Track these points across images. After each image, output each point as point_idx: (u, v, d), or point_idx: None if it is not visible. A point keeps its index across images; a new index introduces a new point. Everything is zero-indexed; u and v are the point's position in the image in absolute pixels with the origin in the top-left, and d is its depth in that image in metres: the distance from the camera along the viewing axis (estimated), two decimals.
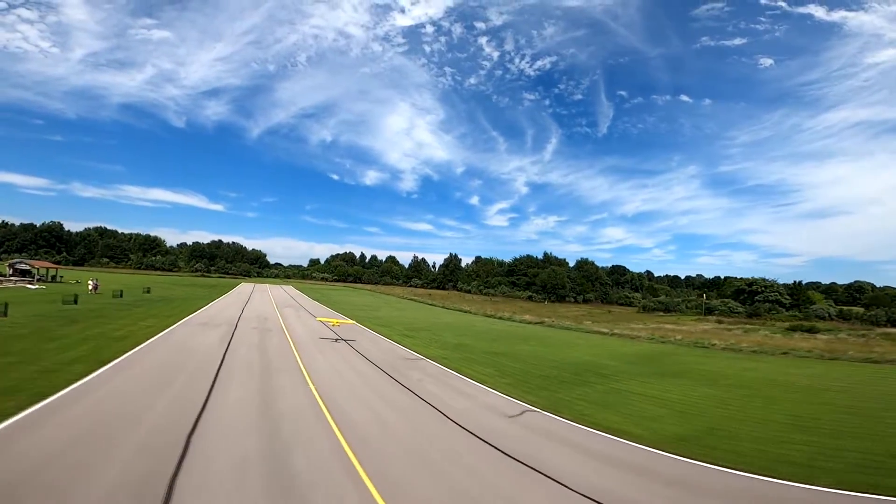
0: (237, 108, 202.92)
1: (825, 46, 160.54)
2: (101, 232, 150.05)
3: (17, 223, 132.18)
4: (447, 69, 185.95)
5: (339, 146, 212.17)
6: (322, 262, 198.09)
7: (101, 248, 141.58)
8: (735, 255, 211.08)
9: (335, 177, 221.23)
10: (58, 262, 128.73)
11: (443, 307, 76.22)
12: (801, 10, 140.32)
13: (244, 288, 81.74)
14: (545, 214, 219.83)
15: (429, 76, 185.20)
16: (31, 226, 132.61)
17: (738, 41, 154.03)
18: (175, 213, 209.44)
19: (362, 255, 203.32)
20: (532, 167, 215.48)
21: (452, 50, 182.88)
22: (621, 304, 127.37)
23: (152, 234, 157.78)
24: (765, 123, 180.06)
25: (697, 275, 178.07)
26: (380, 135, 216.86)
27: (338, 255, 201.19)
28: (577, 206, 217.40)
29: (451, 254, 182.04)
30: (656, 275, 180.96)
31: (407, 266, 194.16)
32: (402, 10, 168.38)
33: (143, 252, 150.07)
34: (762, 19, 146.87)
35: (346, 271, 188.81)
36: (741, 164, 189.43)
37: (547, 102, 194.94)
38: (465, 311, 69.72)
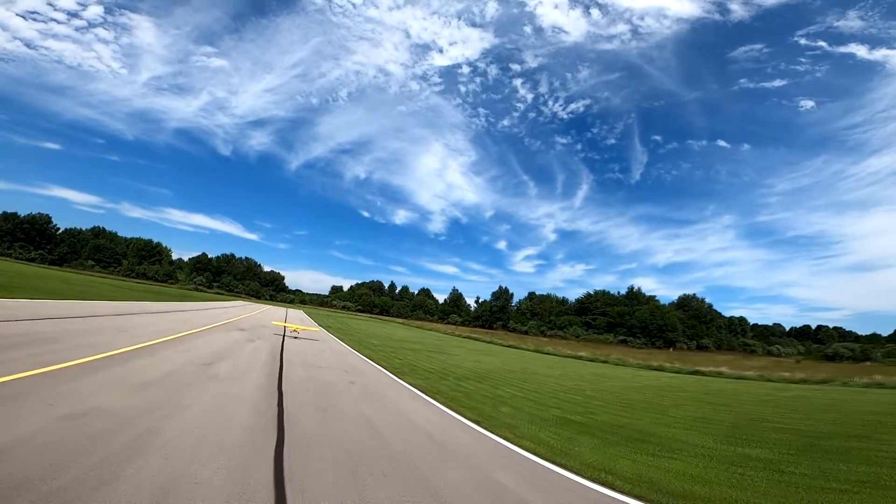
0: (279, 139, 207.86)
1: (868, 87, 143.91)
2: (97, 232, 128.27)
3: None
4: (481, 110, 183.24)
5: (372, 183, 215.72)
6: (346, 289, 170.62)
7: (88, 248, 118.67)
8: (772, 308, 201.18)
9: (366, 214, 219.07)
10: (31, 259, 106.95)
11: (532, 351, 45.11)
12: (843, 49, 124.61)
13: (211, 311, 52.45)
14: (573, 262, 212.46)
15: (463, 116, 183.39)
16: (14, 216, 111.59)
17: (777, 83, 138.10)
18: (213, 239, 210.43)
19: (392, 285, 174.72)
20: (561, 213, 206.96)
21: (487, 91, 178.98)
22: (748, 352, 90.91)
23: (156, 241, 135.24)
24: (805, 170, 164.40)
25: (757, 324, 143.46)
26: (412, 174, 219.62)
27: (363, 283, 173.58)
28: (606, 255, 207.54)
29: (500, 287, 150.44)
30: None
31: (442, 301, 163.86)
32: (441, 51, 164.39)
33: (139, 259, 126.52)
34: (802, 60, 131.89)
35: (371, 301, 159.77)
36: (779, 213, 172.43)
37: (579, 147, 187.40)
38: (575, 357, 37.71)
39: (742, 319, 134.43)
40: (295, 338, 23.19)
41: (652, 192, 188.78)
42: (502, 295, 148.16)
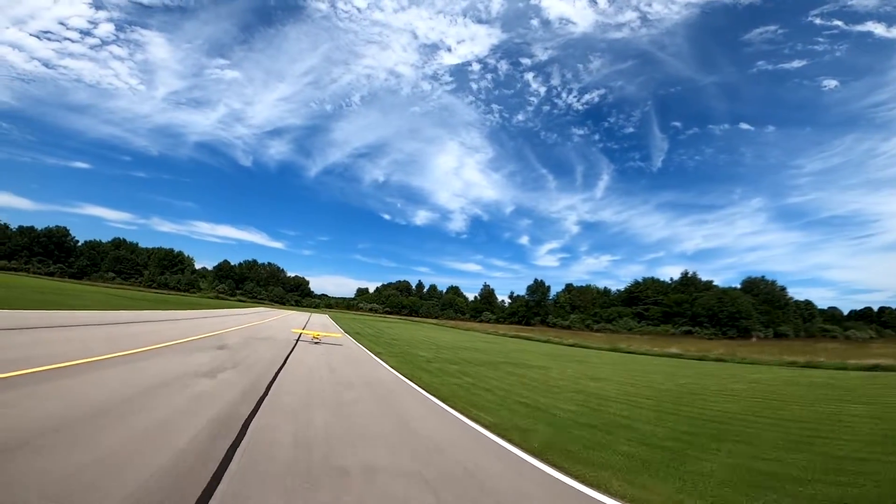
0: (297, 147, 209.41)
1: (890, 65, 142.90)
2: (118, 244, 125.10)
3: (16, 226, 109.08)
4: (494, 106, 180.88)
5: (391, 185, 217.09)
6: (371, 291, 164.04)
7: (109, 260, 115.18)
8: (811, 291, 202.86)
9: (386, 216, 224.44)
10: (49, 273, 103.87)
11: (593, 351, 35.46)
12: (860, 27, 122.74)
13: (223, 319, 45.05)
14: (598, 254, 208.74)
15: (476, 114, 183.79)
16: (31, 229, 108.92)
17: (796, 63, 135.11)
18: (240, 248, 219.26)
19: (419, 285, 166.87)
20: (583, 205, 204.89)
21: (499, 87, 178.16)
22: (829, 338, 78.12)
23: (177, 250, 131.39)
24: (835, 149, 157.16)
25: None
26: (430, 174, 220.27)
27: (390, 284, 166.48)
28: (632, 245, 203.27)
29: (536, 280, 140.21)
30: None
31: (472, 298, 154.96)
32: (449, 49, 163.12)
33: (160, 269, 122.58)
34: (819, 40, 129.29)
35: (399, 302, 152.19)
36: (811, 194, 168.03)
37: (597, 137, 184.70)
38: (670, 355, 27.69)
39: (808, 303, 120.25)
40: (316, 343, 20.72)
41: (675, 178, 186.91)
42: (538, 288, 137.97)
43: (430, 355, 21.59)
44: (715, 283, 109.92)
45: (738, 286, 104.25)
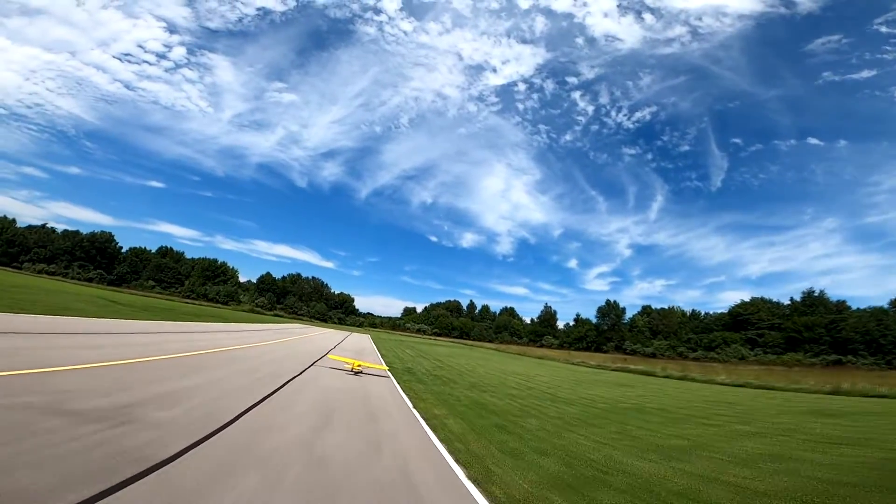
0: (348, 169, 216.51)
1: None
2: (163, 252, 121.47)
3: (61, 229, 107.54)
4: (541, 126, 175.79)
5: (438, 208, 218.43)
6: (419, 311, 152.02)
7: (150, 268, 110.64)
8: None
9: (434, 238, 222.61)
10: (89, 279, 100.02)
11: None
12: None
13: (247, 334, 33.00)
14: (651, 278, 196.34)
15: (523, 135, 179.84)
16: (75, 233, 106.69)
17: (865, 73, 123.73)
18: (294, 267, 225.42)
19: (471, 305, 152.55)
20: (636, 227, 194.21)
21: (546, 107, 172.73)
22: None
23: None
24: None
25: None
26: (477, 196, 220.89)
27: (438, 304, 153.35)
28: (689, 269, 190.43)
29: (608, 301, 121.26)
30: None
31: (529, 321, 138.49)
32: (494, 70, 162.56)
33: (202, 280, 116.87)
34: (888, 48, 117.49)
35: (449, 323, 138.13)
36: (891, 213, 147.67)
37: (650, 156, 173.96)
38: None
39: None
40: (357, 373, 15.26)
41: (737, 198, 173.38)
42: (611, 311, 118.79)
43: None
44: (845, 302, 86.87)
45: (887, 307, 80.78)
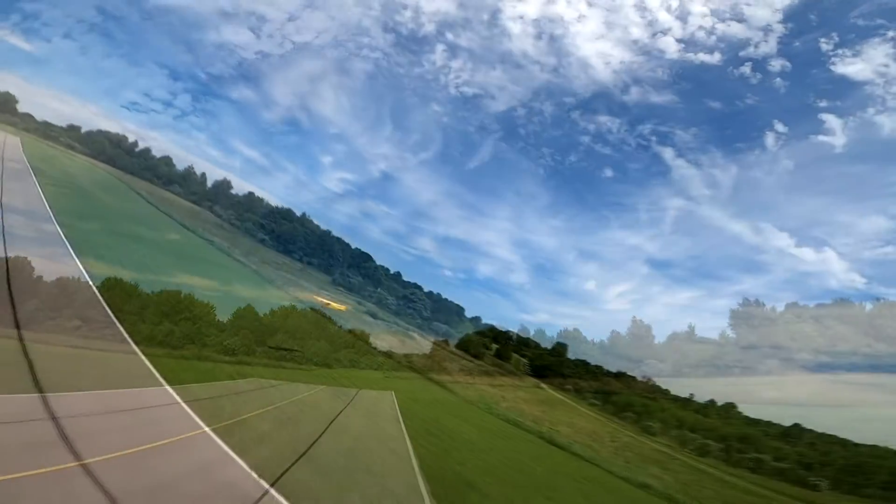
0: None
1: None
2: None
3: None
4: (545, 150, 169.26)
5: (450, 241, 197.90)
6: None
7: None
8: None
9: (448, 273, 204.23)
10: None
11: None
12: None
13: None
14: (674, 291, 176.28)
15: (528, 160, 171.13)
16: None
17: None
18: None
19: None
20: (651, 243, 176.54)
21: (546, 129, 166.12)
22: None
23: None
24: None
25: None
26: (486, 227, 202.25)
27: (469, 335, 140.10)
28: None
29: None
30: None
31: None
32: (493, 97, 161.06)
33: None
34: None
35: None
36: None
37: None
38: None
39: None
40: None
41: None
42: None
43: None
44: None
45: None
